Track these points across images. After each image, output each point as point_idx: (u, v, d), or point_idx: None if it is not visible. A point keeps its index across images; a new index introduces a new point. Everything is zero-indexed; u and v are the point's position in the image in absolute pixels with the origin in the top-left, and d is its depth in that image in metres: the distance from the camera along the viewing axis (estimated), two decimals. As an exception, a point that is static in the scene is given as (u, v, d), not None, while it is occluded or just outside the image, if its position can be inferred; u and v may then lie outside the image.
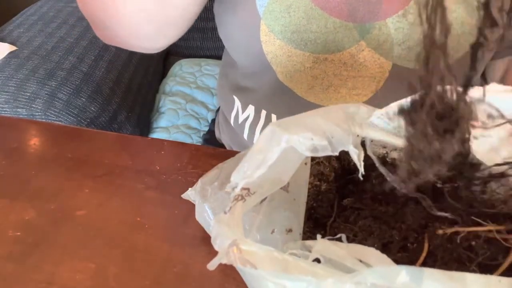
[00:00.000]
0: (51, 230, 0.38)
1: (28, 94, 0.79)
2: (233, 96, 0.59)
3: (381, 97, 0.50)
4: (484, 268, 0.25)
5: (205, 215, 0.32)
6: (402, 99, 0.27)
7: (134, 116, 0.91)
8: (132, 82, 0.95)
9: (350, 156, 0.28)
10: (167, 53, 1.19)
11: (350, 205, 0.30)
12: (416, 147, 0.20)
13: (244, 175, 0.25)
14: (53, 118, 0.78)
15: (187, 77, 1.04)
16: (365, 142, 0.31)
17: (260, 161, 0.25)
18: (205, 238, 0.37)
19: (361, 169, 0.24)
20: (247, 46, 0.52)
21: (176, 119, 0.93)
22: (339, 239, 0.25)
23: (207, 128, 0.84)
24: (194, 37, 1.13)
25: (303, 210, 0.29)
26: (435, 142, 0.19)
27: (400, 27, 0.46)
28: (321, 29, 0.47)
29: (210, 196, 0.32)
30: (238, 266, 0.22)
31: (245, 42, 0.52)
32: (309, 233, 0.29)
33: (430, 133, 0.19)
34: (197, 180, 0.34)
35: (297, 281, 0.20)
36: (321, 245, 0.23)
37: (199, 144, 0.77)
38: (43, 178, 0.43)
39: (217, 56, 1.13)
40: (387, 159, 0.33)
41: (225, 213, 0.24)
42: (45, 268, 0.35)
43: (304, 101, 0.52)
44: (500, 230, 0.26)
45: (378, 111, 0.29)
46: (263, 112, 0.55)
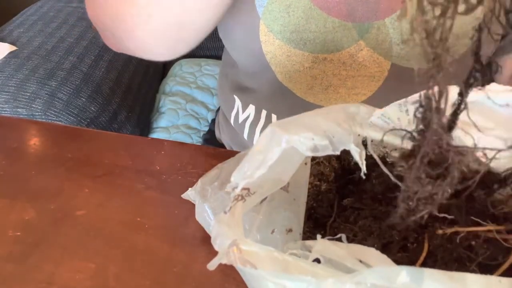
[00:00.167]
0: (51, 230, 0.38)
1: (28, 94, 0.79)
2: (234, 96, 0.59)
3: (381, 96, 0.50)
4: (484, 268, 0.25)
5: (205, 215, 0.32)
6: (401, 100, 0.27)
7: (134, 116, 0.91)
8: (132, 82, 0.95)
9: (350, 156, 0.29)
10: (167, 53, 1.18)
11: (350, 205, 0.30)
12: (412, 190, 0.22)
13: (244, 175, 0.25)
14: (53, 118, 0.78)
15: (187, 77, 1.04)
16: (366, 142, 0.31)
17: (260, 161, 0.25)
18: (205, 238, 0.37)
19: (363, 168, 0.24)
20: (247, 46, 0.52)
21: (176, 119, 0.93)
22: (339, 239, 0.25)
23: (207, 128, 0.84)
24: (194, 37, 1.13)
25: (303, 210, 0.29)
26: (428, 186, 0.21)
27: (399, 27, 0.46)
28: (320, 29, 0.47)
29: (210, 196, 0.32)
30: (238, 266, 0.22)
31: (245, 42, 0.52)
32: (309, 233, 0.29)
33: (424, 178, 0.21)
34: (197, 180, 0.34)
35: (297, 281, 0.20)
36: (321, 245, 0.23)
37: (199, 144, 0.77)
38: (43, 178, 0.43)
39: (217, 56, 1.13)
40: (387, 159, 0.33)
41: (225, 213, 0.24)
42: (45, 268, 0.35)
43: (304, 102, 0.52)
44: (500, 230, 0.26)
45: (378, 111, 0.29)
46: (264, 112, 0.55)
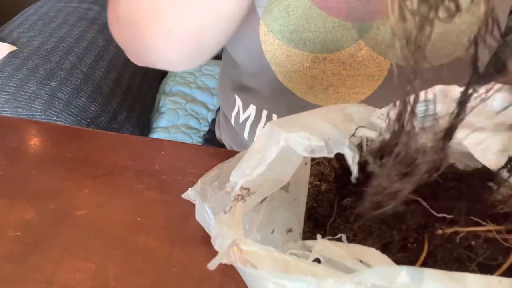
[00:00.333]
0: (51, 230, 0.38)
1: (28, 94, 0.79)
2: (235, 96, 0.59)
3: (381, 96, 0.50)
4: (484, 268, 0.25)
5: (205, 215, 0.32)
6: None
7: (134, 116, 0.91)
8: (132, 82, 0.95)
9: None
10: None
11: (350, 205, 0.30)
12: (381, 186, 0.23)
13: (243, 174, 0.25)
14: (53, 118, 0.78)
15: (187, 77, 1.04)
16: (363, 142, 0.31)
17: (259, 160, 0.25)
18: (205, 238, 0.37)
19: (355, 172, 0.24)
20: (247, 46, 0.52)
21: (176, 119, 0.93)
22: (339, 239, 0.25)
23: (207, 128, 0.84)
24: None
25: (303, 210, 0.29)
26: (397, 183, 0.22)
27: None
28: (320, 29, 0.47)
29: (210, 196, 0.32)
30: (238, 266, 0.22)
31: (245, 42, 0.52)
32: (309, 233, 0.29)
33: (394, 176, 0.22)
34: (197, 180, 0.34)
35: (297, 281, 0.20)
36: (321, 245, 0.23)
37: (199, 144, 0.77)
38: (43, 178, 0.43)
39: (217, 56, 1.12)
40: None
41: (225, 213, 0.24)
42: (45, 268, 0.35)
43: (304, 102, 0.52)
44: (500, 230, 0.26)
45: (378, 111, 0.29)
46: (264, 112, 0.55)
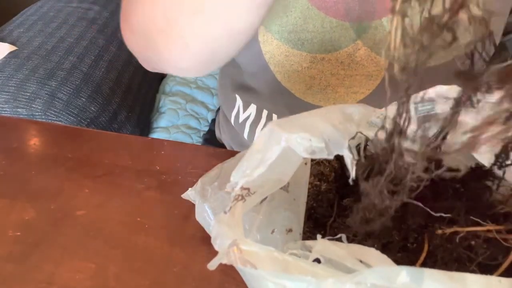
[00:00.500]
0: (51, 230, 0.38)
1: (28, 94, 0.79)
2: (235, 95, 0.59)
3: (379, 95, 0.50)
4: (484, 268, 0.25)
5: (205, 215, 0.32)
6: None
7: (134, 116, 0.91)
8: (132, 82, 0.95)
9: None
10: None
11: (350, 205, 0.30)
12: (372, 202, 0.24)
13: (243, 174, 0.25)
14: (53, 118, 0.78)
15: (187, 77, 1.04)
16: (361, 143, 0.31)
17: (259, 160, 0.25)
18: (205, 238, 0.37)
19: (352, 174, 0.24)
20: (246, 46, 0.52)
21: (176, 119, 0.93)
22: (339, 239, 0.25)
23: (207, 128, 0.84)
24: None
25: (303, 210, 0.29)
26: (387, 200, 0.23)
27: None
28: (318, 29, 0.47)
29: (210, 196, 0.32)
30: (238, 266, 0.22)
31: None
32: (309, 233, 0.29)
33: (385, 193, 0.23)
34: (197, 180, 0.34)
35: (297, 281, 0.20)
36: (321, 245, 0.23)
37: (199, 144, 0.77)
38: (43, 178, 0.43)
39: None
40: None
41: (225, 213, 0.24)
42: (45, 268, 0.35)
43: (303, 102, 0.52)
44: (500, 230, 0.26)
45: (378, 111, 0.29)
46: (265, 112, 0.55)
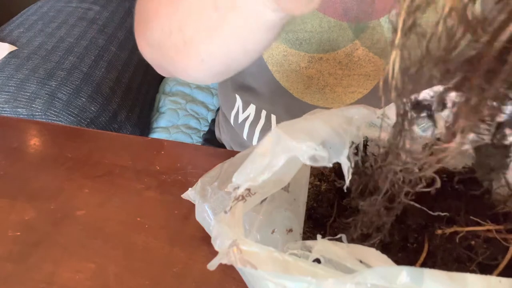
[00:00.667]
0: (51, 230, 0.38)
1: (28, 94, 0.79)
2: (235, 95, 0.59)
3: (377, 95, 0.50)
4: (484, 268, 0.25)
5: (205, 215, 0.32)
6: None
7: (134, 116, 0.91)
8: (132, 82, 0.94)
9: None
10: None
11: (350, 205, 0.30)
12: (370, 219, 0.25)
13: (247, 178, 0.25)
14: (53, 118, 0.78)
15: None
16: (360, 144, 0.31)
17: (265, 166, 0.24)
18: (205, 238, 0.37)
19: (347, 183, 0.25)
20: None
21: (176, 119, 0.93)
22: (339, 239, 0.25)
23: (207, 128, 0.84)
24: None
25: (304, 210, 0.29)
26: (384, 217, 0.25)
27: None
28: (316, 29, 0.47)
29: (210, 196, 0.32)
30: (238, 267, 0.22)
31: None
32: (309, 233, 0.29)
33: (382, 211, 0.25)
34: (197, 180, 0.34)
35: (298, 282, 0.20)
36: (321, 245, 0.23)
37: (199, 144, 0.77)
38: (43, 178, 0.43)
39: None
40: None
41: (226, 213, 0.24)
42: (45, 268, 0.35)
43: (301, 102, 0.52)
44: (500, 230, 0.26)
45: (378, 112, 0.29)
46: (264, 112, 0.55)
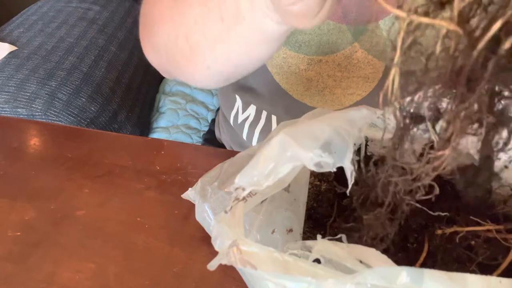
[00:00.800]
0: (51, 230, 0.38)
1: (28, 94, 0.79)
2: (235, 95, 0.59)
3: (376, 97, 0.50)
4: (484, 268, 0.25)
5: (205, 215, 0.32)
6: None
7: (134, 116, 0.91)
8: (132, 82, 0.94)
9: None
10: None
11: (350, 205, 0.30)
12: (374, 231, 0.26)
13: (251, 181, 0.24)
14: (53, 118, 0.78)
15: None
16: (361, 144, 0.31)
17: (270, 171, 0.24)
18: (205, 238, 0.37)
19: (350, 187, 0.25)
20: None
21: (176, 119, 0.93)
22: (339, 239, 0.25)
23: (207, 128, 0.84)
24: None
25: (304, 210, 0.29)
26: (388, 228, 0.26)
27: (393, 29, 0.46)
28: (315, 31, 0.47)
29: (210, 196, 0.32)
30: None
31: None
32: (309, 233, 0.29)
33: (387, 222, 0.26)
34: (197, 180, 0.34)
35: (298, 282, 0.20)
36: (322, 245, 0.23)
37: (199, 144, 0.77)
38: (43, 178, 0.43)
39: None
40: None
41: (226, 213, 0.24)
42: (45, 268, 0.35)
43: (301, 104, 0.52)
44: (500, 230, 0.26)
45: (379, 112, 0.29)
46: (264, 113, 0.55)
